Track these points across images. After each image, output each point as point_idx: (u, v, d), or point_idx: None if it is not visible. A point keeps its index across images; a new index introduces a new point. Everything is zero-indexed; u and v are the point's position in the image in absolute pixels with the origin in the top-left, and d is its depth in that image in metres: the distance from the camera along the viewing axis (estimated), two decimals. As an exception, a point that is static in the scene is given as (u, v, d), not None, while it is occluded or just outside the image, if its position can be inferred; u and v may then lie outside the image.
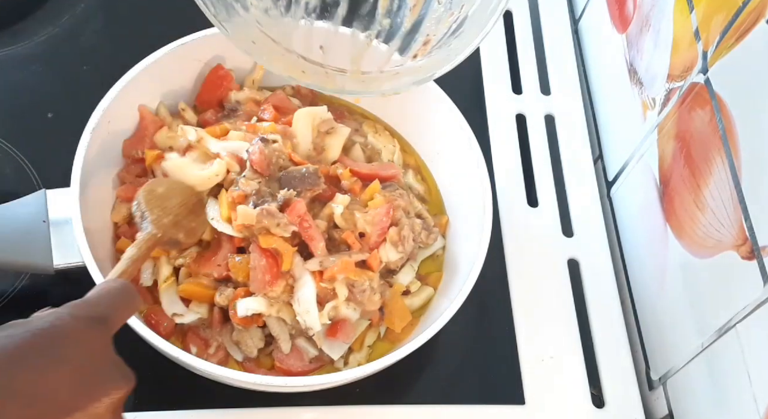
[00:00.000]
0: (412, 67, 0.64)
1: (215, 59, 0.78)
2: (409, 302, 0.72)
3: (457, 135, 0.75)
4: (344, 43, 0.68)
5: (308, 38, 0.66)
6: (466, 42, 0.62)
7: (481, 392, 0.74)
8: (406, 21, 0.65)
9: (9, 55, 0.87)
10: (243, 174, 0.68)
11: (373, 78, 0.65)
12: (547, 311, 0.78)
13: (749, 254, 0.59)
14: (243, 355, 0.68)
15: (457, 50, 0.62)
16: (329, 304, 0.66)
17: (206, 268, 0.68)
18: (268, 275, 0.65)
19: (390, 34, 0.66)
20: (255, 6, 0.63)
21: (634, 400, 0.74)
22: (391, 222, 0.70)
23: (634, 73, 0.81)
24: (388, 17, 0.66)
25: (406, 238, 0.71)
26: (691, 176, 0.68)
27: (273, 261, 0.66)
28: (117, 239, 0.72)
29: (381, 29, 0.66)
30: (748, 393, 0.59)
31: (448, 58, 0.62)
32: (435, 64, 0.63)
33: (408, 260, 0.73)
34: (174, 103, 0.78)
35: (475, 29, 0.61)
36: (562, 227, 0.83)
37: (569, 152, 0.88)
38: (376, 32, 0.66)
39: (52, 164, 0.78)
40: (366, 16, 0.67)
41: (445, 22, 0.63)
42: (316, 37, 0.67)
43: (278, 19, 0.65)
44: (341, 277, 0.66)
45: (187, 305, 0.69)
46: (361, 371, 0.64)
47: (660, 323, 0.75)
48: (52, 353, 0.42)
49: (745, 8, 0.60)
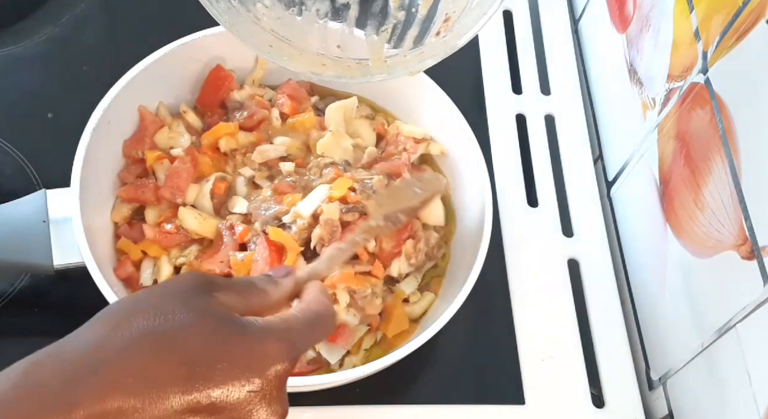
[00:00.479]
0: (435, 44, 0.62)
1: (216, 59, 0.78)
2: (410, 310, 0.72)
3: (457, 135, 0.75)
4: (362, 40, 0.68)
5: (324, 39, 0.66)
6: (488, 3, 0.59)
7: (481, 392, 0.74)
8: (421, 8, 0.63)
9: (9, 55, 0.87)
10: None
11: (398, 61, 0.64)
12: (547, 311, 0.78)
13: (749, 254, 0.59)
14: None
15: (481, 13, 0.59)
16: None
17: (208, 265, 0.68)
18: (268, 267, 0.66)
19: (407, 24, 0.64)
20: (266, 15, 0.63)
21: (634, 400, 0.74)
22: (408, 235, 0.70)
23: (634, 73, 0.81)
24: (402, 10, 0.65)
25: (421, 251, 0.71)
26: (691, 176, 0.68)
27: (276, 255, 0.66)
28: (117, 239, 0.72)
29: (397, 22, 0.65)
30: (748, 393, 0.59)
31: (473, 23, 0.60)
32: (458, 34, 0.61)
33: (413, 271, 0.73)
34: (175, 103, 0.78)
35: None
36: (562, 227, 0.83)
37: (569, 152, 0.88)
38: (392, 26, 0.65)
39: (52, 164, 0.77)
40: (379, 13, 0.66)
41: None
42: (332, 37, 0.67)
43: (291, 25, 0.64)
44: (342, 286, 0.66)
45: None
46: (361, 371, 0.64)
47: (660, 323, 0.75)
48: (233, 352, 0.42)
49: (745, 8, 0.59)
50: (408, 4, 0.64)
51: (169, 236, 0.70)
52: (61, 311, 0.73)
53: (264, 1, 0.63)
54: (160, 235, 0.70)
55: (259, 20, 0.62)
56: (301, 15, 0.65)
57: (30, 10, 0.90)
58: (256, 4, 0.62)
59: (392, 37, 0.65)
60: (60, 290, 0.74)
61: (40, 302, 0.73)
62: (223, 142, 0.74)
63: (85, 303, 0.69)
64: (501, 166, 0.85)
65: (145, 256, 0.70)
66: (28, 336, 0.72)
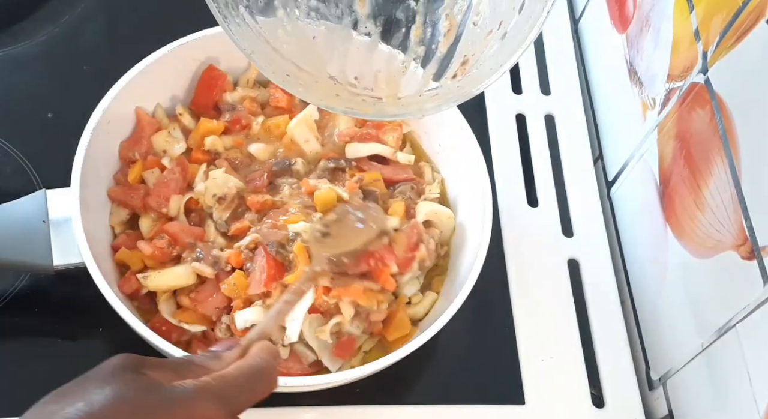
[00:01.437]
0: (451, 87, 0.62)
1: (214, 60, 0.78)
2: (414, 311, 0.71)
3: (457, 135, 0.75)
4: (379, 73, 0.67)
5: (342, 69, 0.66)
6: (507, 55, 0.59)
7: (481, 392, 0.74)
8: (441, 46, 0.63)
9: (9, 55, 0.87)
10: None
11: (412, 101, 0.64)
12: (547, 311, 0.78)
13: (749, 254, 0.59)
14: None
15: (498, 63, 0.60)
16: (333, 320, 0.66)
17: (204, 310, 0.67)
18: (264, 274, 0.65)
19: (425, 60, 0.64)
20: (287, 43, 0.62)
21: (634, 400, 0.74)
22: (418, 239, 0.70)
23: (634, 73, 0.81)
24: (422, 45, 0.65)
25: (432, 253, 0.71)
26: (691, 176, 0.68)
27: (273, 263, 0.66)
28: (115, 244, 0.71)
29: (416, 57, 0.65)
30: (748, 393, 0.59)
31: (491, 72, 0.60)
32: (475, 81, 0.61)
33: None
34: (175, 103, 0.78)
35: (516, 42, 0.58)
36: (562, 227, 0.83)
37: (569, 152, 0.88)
38: (411, 60, 0.65)
39: (52, 164, 0.77)
40: (399, 46, 0.65)
41: (483, 41, 0.61)
42: (350, 67, 0.66)
43: (311, 54, 0.64)
44: (348, 299, 0.66)
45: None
46: (361, 371, 0.64)
47: (660, 323, 0.75)
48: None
49: (745, 8, 0.59)
50: (429, 40, 0.64)
51: (163, 251, 0.69)
52: (61, 311, 0.73)
53: (286, 26, 0.62)
54: (156, 250, 0.69)
55: (279, 48, 0.61)
56: (323, 39, 0.65)
57: (30, 10, 0.90)
58: (278, 31, 0.62)
59: (408, 72, 0.65)
60: (60, 290, 0.74)
61: (40, 303, 0.73)
62: (208, 141, 0.74)
63: (85, 303, 0.70)
64: (501, 166, 0.85)
65: (147, 268, 0.70)
66: (28, 336, 0.72)
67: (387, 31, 0.66)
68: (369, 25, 0.65)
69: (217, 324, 0.68)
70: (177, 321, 0.67)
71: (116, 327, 0.64)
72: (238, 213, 0.71)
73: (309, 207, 0.70)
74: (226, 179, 0.71)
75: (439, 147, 0.79)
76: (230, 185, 0.71)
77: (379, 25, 0.65)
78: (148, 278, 0.67)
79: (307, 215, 0.69)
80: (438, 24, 0.63)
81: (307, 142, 0.76)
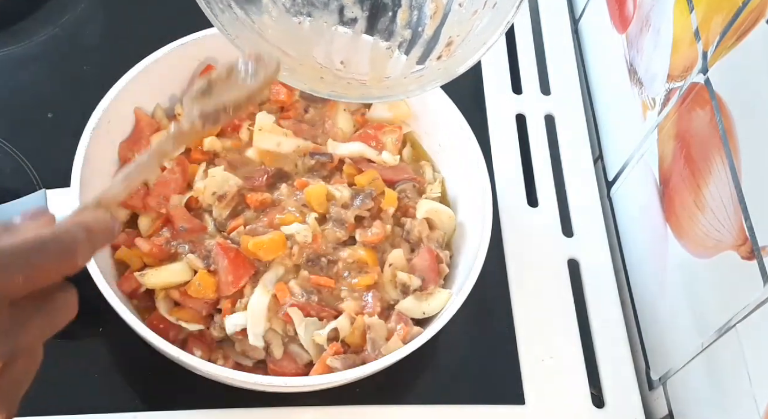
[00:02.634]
0: (436, 68, 0.63)
1: (213, 60, 0.78)
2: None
3: (457, 135, 0.75)
4: (365, 56, 0.67)
5: (328, 54, 0.66)
6: (489, 33, 0.60)
7: (481, 392, 0.74)
8: (427, 29, 0.64)
9: (9, 55, 0.87)
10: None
11: (397, 83, 0.64)
12: (547, 311, 0.78)
13: (749, 254, 0.59)
14: (253, 360, 0.68)
15: (482, 42, 0.60)
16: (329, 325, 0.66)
17: (193, 305, 0.68)
18: (230, 275, 0.66)
19: (411, 43, 0.65)
20: (272, 27, 0.62)
21: (634, 400, 0.74)
22: (437, 261, 0.71)
23: (634, 73, 0.81)
24: (408, 28, 0.65)
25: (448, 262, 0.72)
26: (691, 176, 0.68)
27: (236, 259, 0.67)
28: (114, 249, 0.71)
29: (402, 40, 0.65)
30: (748, 393, 0.59)
31: (474, 51, 0.60)
32: (459, 61, 0.61)
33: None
34: (174, 103, 0.78)
35: (498, 20, 0.59)
36: (562, 227, 0.83)
37: (569, 152, 0.88)
38: (397, 43, 0.65)
39: (52, 164, 0.77)
40: (385, 30, 0.66)
41: (469, 21, 0.61)
42: (336, 53, 0.66)
43: (297, 38, 0.64)
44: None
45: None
46: (360, 371, 0.64)
47: (660, 323, 0.75)
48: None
49: (745, 8, 0.59)
50: (415, 23, 0.64)
51: (161, 248, 0.69)
52: (61, 311, 0.73)
53: (271, 12, 0.62)
54: (154, 247, 0.69)
55: (263, 33, 0.61)
56: (309, 25, 0.65)
57: (30, 10, 0.90)
58: (262, 15, 0.62)
59: (394, 55, 0.66)
60: (60, 290, 0.73)
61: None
62: (207, 141, 0.74)
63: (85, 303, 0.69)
64: (501, 166, 0.85)
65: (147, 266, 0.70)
66: (28, 336, 0.72)
67: (373, 15, 0.66)
68: (355, 9, 0.65)
69: (211, 323, 0.68)
70: (174, 319, 0.67)
71: (116, 326, 0.64)
72: (237, 211, 0.72)
73: (306, 205, 0.71)
74: (226, 177, 0.71)
75: (439, 147, 0.79)
76: (230, 183, 0.71)
77: (366, 9, 0.65)
78: (145, 275, 0.67)
79: (303, 213, 0.70)
80: (424, 6, 0.64)
81: (279, 144, 0.74)
